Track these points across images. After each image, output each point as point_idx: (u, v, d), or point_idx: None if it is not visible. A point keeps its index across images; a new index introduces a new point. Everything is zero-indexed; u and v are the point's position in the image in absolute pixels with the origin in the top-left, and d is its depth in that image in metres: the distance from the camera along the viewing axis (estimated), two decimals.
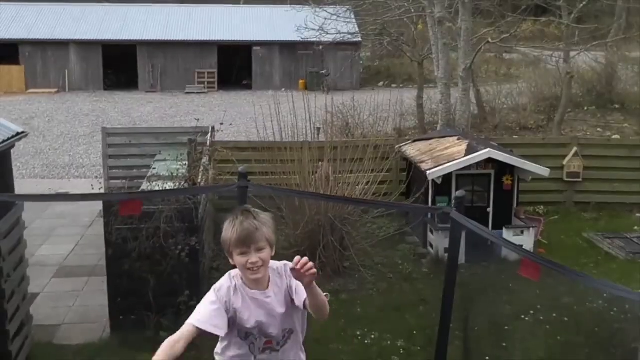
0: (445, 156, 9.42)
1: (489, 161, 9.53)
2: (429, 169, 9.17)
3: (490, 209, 9.59)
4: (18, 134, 6.54)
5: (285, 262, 3.15)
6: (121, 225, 6.97)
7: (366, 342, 7.42)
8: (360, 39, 28.55)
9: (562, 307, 8.20)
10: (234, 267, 3.14)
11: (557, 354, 7.20)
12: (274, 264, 3.16)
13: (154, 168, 9.41)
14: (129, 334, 7.27)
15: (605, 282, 4.03)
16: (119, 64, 33.60)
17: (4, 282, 6.15)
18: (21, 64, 33.26)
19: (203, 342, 3.36)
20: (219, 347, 3.29)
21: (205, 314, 3.05)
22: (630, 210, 11.83)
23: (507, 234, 9.54)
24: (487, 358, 6.83)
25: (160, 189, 7.51)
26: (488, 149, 9.29)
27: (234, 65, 35.08)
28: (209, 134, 11.24)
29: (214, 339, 3.24)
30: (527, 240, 9.51)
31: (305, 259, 2.81)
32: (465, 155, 9.18)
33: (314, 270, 2.82)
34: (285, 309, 3.13)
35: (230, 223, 3.00)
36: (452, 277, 4.26)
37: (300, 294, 3.07)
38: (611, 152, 12.16)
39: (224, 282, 3.13)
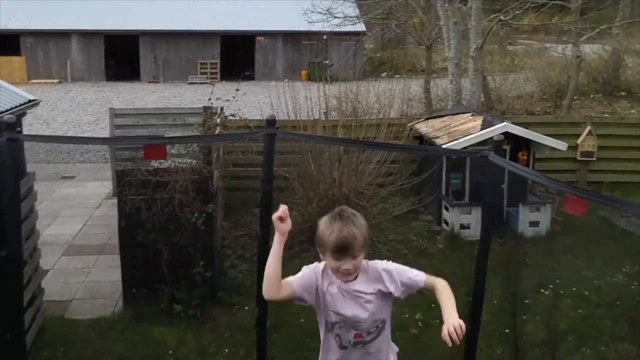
0: (461, 131, 9.28)
1: (504, 136, 9.38)
2: (445, 144, 9.02)
3: (505, 185, 9.45)
4: (30, 101, 6.39)
5: (393, 268, 3.12)
6: (135, 195, 6.84)
7: None
8: (364, 29, 28.40)
9: (581, 281, 8.09)
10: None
11: (578, 326, 7.08)
12: (370, 264, 3.10)
13: (168, 134, 9.34)
14: (142, 307, 7.15)
15: None
16: (121, 55, 33.44)
17: None
18: (23, 55, 33.13)
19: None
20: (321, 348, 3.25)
21: (298, 278, 3.10)
22: None
23: (523, 210, 9.43)
24: (507, 330, 6.69)
25: (173, 161, 7.36)
26: (505, 123, 9.16)
27: (237, 55, 34.91)
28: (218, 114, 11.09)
29: None
30: (543, 216, 9.38)
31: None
32: (482, 130, 9.03)
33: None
34: (374, 300, 3.06)
35: (329, 225, 2.95)
36: (489, 222, 4.10)
37: (410, 287, 3.10)
38: (625, 131, 12.01)
39: (317, 264, 3.12)
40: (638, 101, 21.07)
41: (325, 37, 29.76)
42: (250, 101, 22.79)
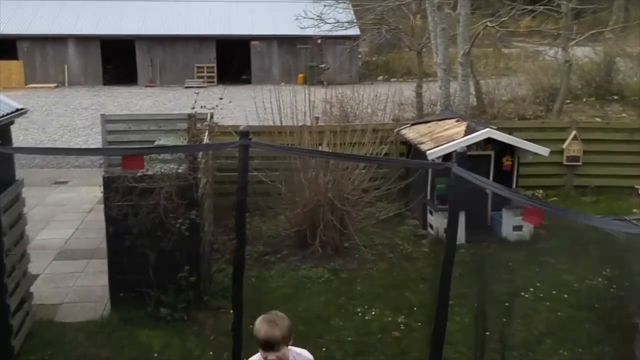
0: (445, 137, 9.42)
1: (489, 142, 9.54)
2: (429, 150, 9.17)
3: (489, 190, 9.57)
4: (17, 110, 6.53)
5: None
6: (121, 201, 6.97)
7: (367, 318, 7.43)
8: (358, 33, 28.56)
9: (561, 285, 8.22)
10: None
11: (557, 328, 7.22)
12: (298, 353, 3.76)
13: (159, 139, 9.50)
14: (129, 310, 7.29)
15: (610, 221, 3.96)
16: (118, 59, 33.59)
17: (5, 256, 6.15)
18: (20, 59, 33.25)
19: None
20: None
21: None
22: (629, 193, 11.81)
23: (506, 214, 9.57)
24: (488, 333, 6.82)
25: (161, 167, 7.49)
26: (487, 129, 9.29)
27: (233, 59, 35.07)
28: (208, 119, 11.22)
29: None
30: None
31: None
32: (465, 136, 9.18)
33: None
34: None
35: (259, 326, 3.57)
36: (453, 234, 4.26)
37: None
38: (610, 135, 12.14)
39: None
40: (629, 105, 21.22)
41: (319, 41, 29.88)
42: (244, 105, 22.90)
